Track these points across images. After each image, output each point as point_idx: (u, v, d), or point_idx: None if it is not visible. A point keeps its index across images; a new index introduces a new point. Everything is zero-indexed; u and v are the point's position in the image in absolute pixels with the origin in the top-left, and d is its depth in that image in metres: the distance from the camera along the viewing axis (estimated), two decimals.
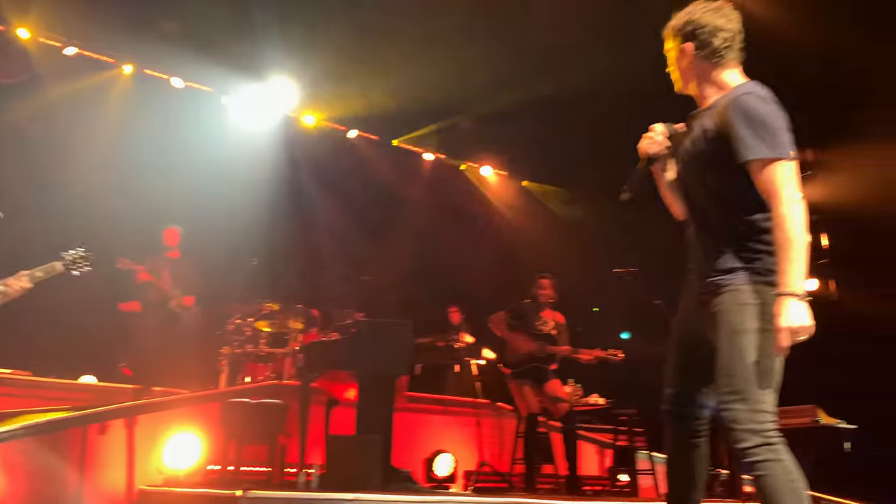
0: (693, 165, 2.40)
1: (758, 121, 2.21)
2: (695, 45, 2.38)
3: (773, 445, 2.11)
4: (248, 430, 4.78)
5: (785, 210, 2.14)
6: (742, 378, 2.15)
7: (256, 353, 7.44)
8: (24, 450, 4.82)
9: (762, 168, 2.19)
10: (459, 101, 9.53)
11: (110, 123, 8.78)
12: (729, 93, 2.35)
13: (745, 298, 2.21)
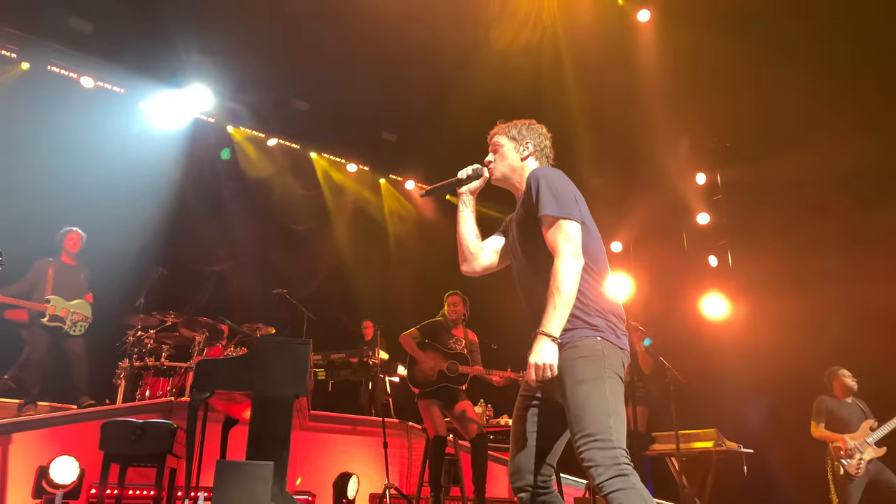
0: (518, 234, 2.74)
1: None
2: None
3: (626, 476, 2.32)
4: (132, 451, 4.45)
5: (559, 263, 2.48)
6: (590, 422, 2.37)
7: (157, 367, 7.06)
8: None
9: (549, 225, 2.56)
10: (381, 113, 9.43)
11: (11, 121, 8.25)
12: None
13: (584, 352, 2.46)
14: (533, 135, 2.89)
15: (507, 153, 2.87)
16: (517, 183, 2.86)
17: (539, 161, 2.87)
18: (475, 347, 5.85)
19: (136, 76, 8.87)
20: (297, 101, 9.66)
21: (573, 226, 2.54)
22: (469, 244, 2.90)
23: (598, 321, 2.51)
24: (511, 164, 2.86)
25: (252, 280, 9.25)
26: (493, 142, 2.92)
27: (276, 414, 4.30)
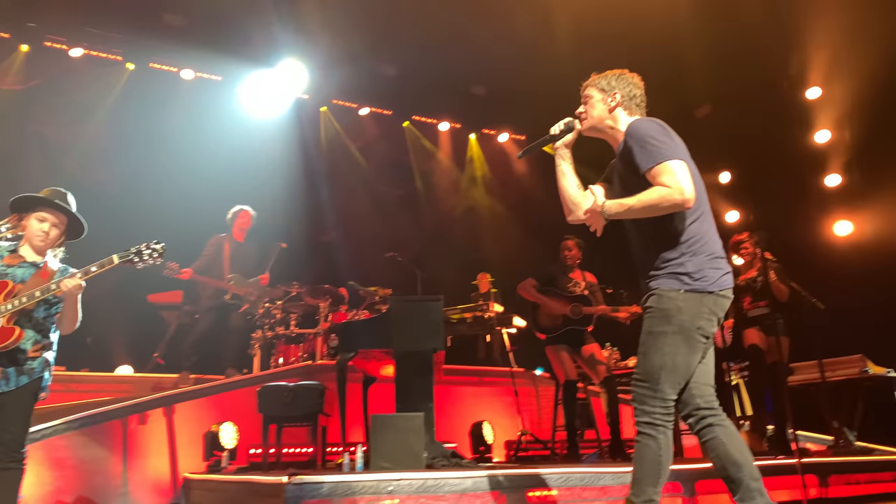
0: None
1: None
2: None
3: (655, 426, 2.60)
4: (288, 412, 4.76)
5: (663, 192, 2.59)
6: (643, 370, 2.65)
7: (287, 335, 7.45)
8: (69, 444, 4.86)
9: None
10: (472, 71, 9.37)
11: (125, 120, 8.77)
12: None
13: (661, 303, 2.65)
14: (622, 85, 2.91)
15: (596, 104, 2.92)
16: (609, 134, 2.92)
17: (629, 110, 2.89)
18: (595, 288, 5.84)
19: (232, 61, 9.16)
20: (385, 67, 9.74)
21: (675, 164, 2.59)
22: (571, 195, 2.96)
23: (691, 266, 2.62)
24: (599, 115, 2.91)
25: (361, 246, 9.56)
26: (584, 94, 2.97)
27: (418, 368, 4.50)
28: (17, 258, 3.38)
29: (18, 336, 3.21)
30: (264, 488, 3.72)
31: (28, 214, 3.42)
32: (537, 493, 3.97)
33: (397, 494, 3.64)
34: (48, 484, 4.69)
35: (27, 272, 3.35)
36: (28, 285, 3.30)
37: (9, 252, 3.39)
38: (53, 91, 8.44)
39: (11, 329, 3.20)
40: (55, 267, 3.46)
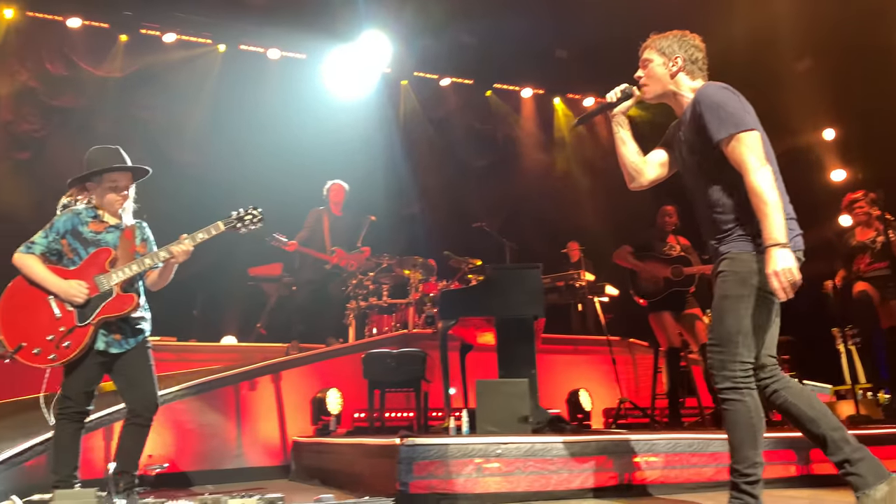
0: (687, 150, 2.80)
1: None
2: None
3: (740, 390, 2.55)
4: (391, 378, 4.90)
5: (751, 178, 2.52)
6: (720, 335, 2.60)
7: (380, 306, 7.63)
8: (188, 408, 5.17)
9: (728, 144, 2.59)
10: (554, 35, 9.19)
11: (217, 102, 9.08)
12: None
13: (736, 266, 2.60)
14: (684, 47, 2.82)
15: (657, 69, 2.84)
16: (671, 99, 2.86)
17: (691, 74, 2.82)
18: (690, 250, 5.72)
19: (316, 37, 9.30)
20: (465, 36, 9.67)
21: (750, 136, 2.56)
22: (632, 162, 2.94)
23: (753, 232, 2.57)
24: (661, 81, 2.84)
25: (448, 218, 9.64)
26: (643, 57, 2.88)
27: (519, 335, 4.53)
28: (101, 224, 3.41)
29: (137, 303, 3.32)
30: (377, 450, 3.85)
31: (97, 184, 3.42)
32: (644, 459, 3.96)
33: (505, 457, 3.70)
34: (171, 445, 5.01)
35: (115, 236, 3.40)
36: (120, 248, 3.38)
37: (91, 218, 3.41)
38: (150, 77, 8.82)
39: (130, 296, 3.31)
40: (131, 222, 3.52)
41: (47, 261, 3.31)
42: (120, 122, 8.43)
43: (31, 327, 3.17)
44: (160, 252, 3.35)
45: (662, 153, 2.97)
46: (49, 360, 3.15)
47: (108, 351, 3.26)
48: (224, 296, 7.82)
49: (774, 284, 2.43)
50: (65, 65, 8.28)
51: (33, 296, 3.23)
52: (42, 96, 8.18)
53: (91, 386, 3.27)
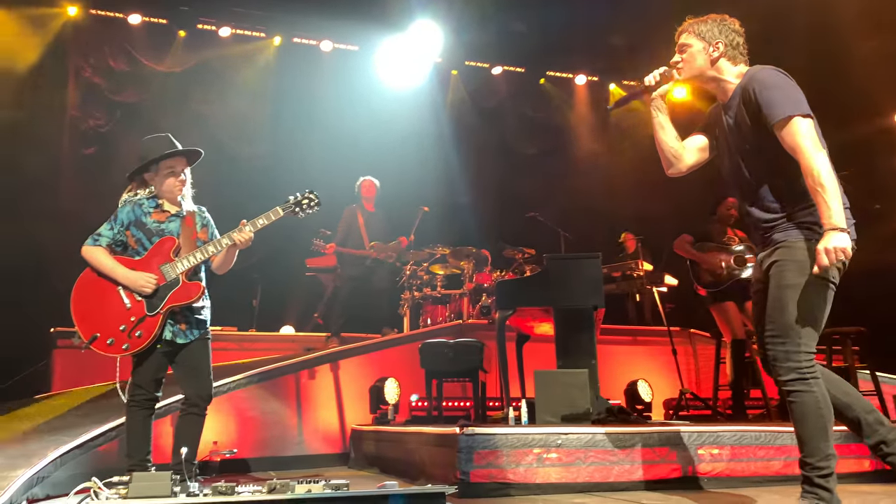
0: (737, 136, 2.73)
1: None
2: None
3: (806, 380, 2.49)
4: (448, 368, 4.91)
5: (808, 162, 2.47)
6: (781, 325, 2.53)
7: (434, 296, 7.65)
8: (250, 396, 5.28)
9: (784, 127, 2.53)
10: (609, 20, 9.01)
11: (271, 95, 9.23)
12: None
13: (793, 254, 2.54)
14: (725, 32, 2.76)
15: (697, 55, 2.78)
16: (711, 83, 2.81)
17: (733, 60, 2.76)
18: (748, 242, 5.55)
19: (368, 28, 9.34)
20: (516, 23, 9.57)
21: (806, 122, 2.51)
22: (670, 147, 2.88)
23: (818, 216, 2.50)
24: (700, 67, 2.78)
25: (501, 207, 9.58)
26: (681, 42, 2.82)
27: (579, 325, 4.47)
28: (163, 213, 3.46)
29: (202, 290, 3.38)
30: (437, 439, 3.86)
31: (154, 173, 3.47)
32: (709, 451, 3.88)
33: (566, 447, 3.67)
34: (234, 432, 5.13)
35: (177, 224, 3.46)
36: (182, 236, 3.43)
37: (153, 208, 3.46)
38: (207, 71, 9.01)
39: (196, 285, 3.37)
40: (191, 208, 3.58)
41: (113, 252, 3.39)
42: (179, 116, 8.63)
43: (103, 318, 3.26)
44: (222, 239, 3.40)
45: (702, 138, 2.91)
46: (123, 349, 3.24)
47: (175, 341, 3.33)
48: (282, 286, 7.96)
49: (822, 260, 2.41)
50: (126, 61, 8.52)
51: (103, 287, 3.31)
52: (106, 92, 8.44)
53: (159, 374, 3.36)
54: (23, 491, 3.35)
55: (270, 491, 2.47)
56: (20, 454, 3.61)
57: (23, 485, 3.34)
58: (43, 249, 7.10)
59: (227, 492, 2.43)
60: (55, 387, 6.17)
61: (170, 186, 3.47)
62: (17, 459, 3.53)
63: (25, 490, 3.38)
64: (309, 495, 2.45)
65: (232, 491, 2.44)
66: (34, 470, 3.46)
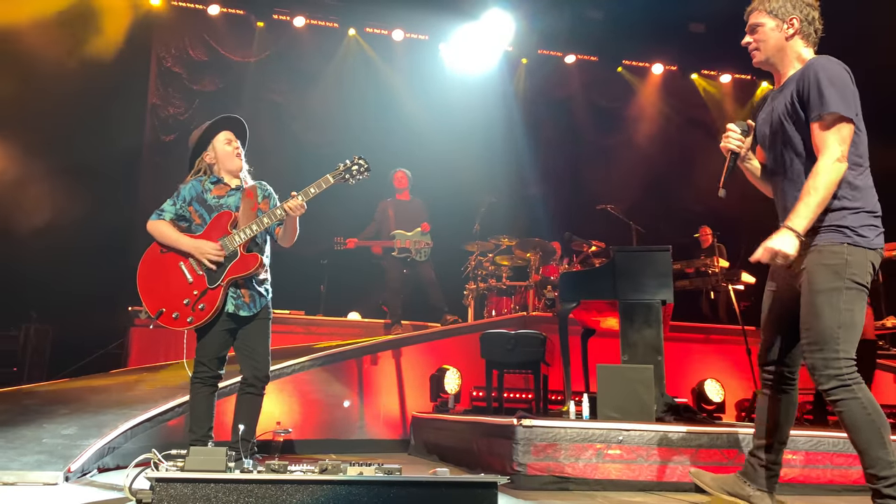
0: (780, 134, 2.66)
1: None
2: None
3: (849, 386, 2.40)
4: (509, 359, 4.83)
5: (824, 164, 2.44)
6: (818, 332, 2.45)
7: (499, 287, 7.58)
8: (313, 379, 5.36)
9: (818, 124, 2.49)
10: (688, 7, 8.67)
11: (344, 84, 9.33)
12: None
13: (826, 259, 2.47)
14: (800, 7, 2.64)
15: (770, 34, 2.66)
16: (781, 65, 2.69)
17: (806, 39, 2.65)
18: None
19: (439, 16, 9.31)
20: (590, 11, 9.35)
21: (849, 129, 2.46)
22: (763, 183, 2.84)
23: (854, 221, 2.48)
24: (775, 45, 2.66)
25: (571, 199, 9.41)
26: (752, 22, 2.70)
27: (646, 320, 4.32)
28: (223, 188, 3.50)
29: (261, 261, 3.38)
30: (495, 429, 3.81)
31: (209, 148, 3.51)
32: None
33: (627, 444, 3.56)
34: (297, 413, 5.21)
35: (237, 199, 3.48)
36: (242, 211, 3.45)
37: (213, 184, 3.50)
38: (282, 61, 9.20)
39: (254, 256, 3.38)
40: (252, 182, 3.60)
41: (176, 226, 3.46)
42: (254, 105, 8.86)
43: (167, 293, 3.33)
44: (276, 210, 3.42)
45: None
46: (188, 322, 3.30)
47: (238, 314, 3.37)
48: (350, 273, 8.06)
49: (760, 253, 2.48)
50: (205, 51, 8.79)
51: (165, 263, 3.38)
52: (185, 81, 8.73)
53: (222, 351, 3.42)
54: (94, 459, 3.50)
55: (322, 471, 2.47)
56: (93, 425, 3.77)
57: (94, 453, 3.49)
58: (123, 231, 7.42)
59: (280, 470, 2.45)
60: (131, 363, 6.44)
61: (228, 156, 3.51)
62: (91, 430, 3.69)
63: (97, 459, 3.53)
64: (360, 478, 2.43)
65: (284, 469, 2.45)
66: (105, 440, 3.61)
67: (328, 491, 2.39)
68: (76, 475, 3.26)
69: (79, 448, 3.42)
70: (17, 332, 6.95)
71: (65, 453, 3.32)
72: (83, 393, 4.68)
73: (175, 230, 3.41)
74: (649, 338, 4.26)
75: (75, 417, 3.91)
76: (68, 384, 5.35)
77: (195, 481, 2.32)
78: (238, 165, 3.55)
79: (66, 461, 3.24)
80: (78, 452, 3.37)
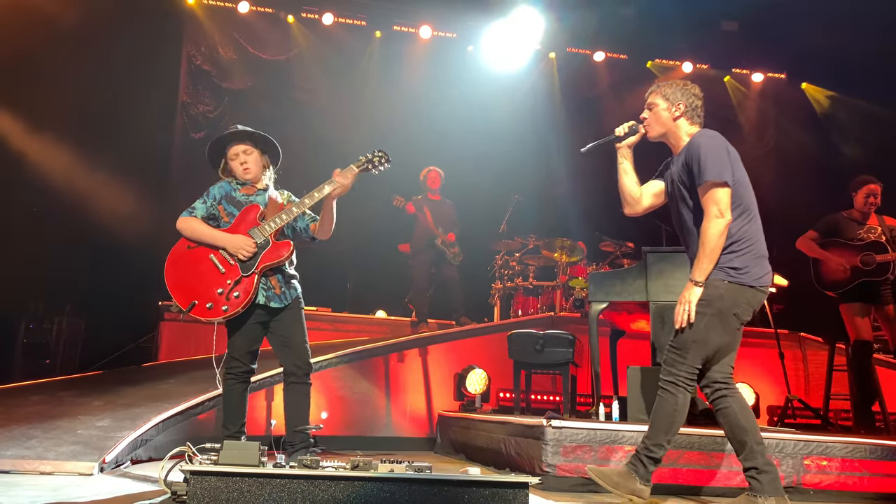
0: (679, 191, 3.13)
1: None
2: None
3: (676, 385, 2.97)
4: (537, 359, 4.80)
5: (706, 224, 2.91)
6: (680, 339, 3.00)
7: (525, 287, 7.55)
8: (341, 375, 5.38)
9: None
10: (721, 5, 8.55)
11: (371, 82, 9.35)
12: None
13: (707, 289, 2.95)
14: (686, 96, 3.11)
15: (661, 113, 3.14)
16: (671, 140, 3.16)
17: (690, 120, 3.11)
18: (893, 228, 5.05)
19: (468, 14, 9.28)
20: (620, 7, 9.25)
21: (721, 190, 2.89)
22: (630, 191, 3.27)
23: (738, 263, 2.92)
24: (664, 123, 3.14)
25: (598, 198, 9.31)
26: (649, 101, 3.19)
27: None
28: (252, 188, 3.54)
29: (292, 248, 3.40)
30: (524, 430, 3.78)
31: (223, 162, 3.53)
32: (816, 462, 3.61)
33: None
34: (324, 409, 5.21)
35: (264, 197, 3.52)
36: (269, 207, 3.47)
37: (242, 185, 3.54)
38: (309, 59, 9.23)
39: (286, 242, 3.40)
40: (274, 192, 3.60)
41: (206, 224, 3.48)
42: (281, 104, 8.90)
43: (199, 285, 3.34)
44: (304, 199, 3.43)
45: (659, 184, 3.26)
46: (223, 311, 3.29)
47: (269, 305, 3.38)
48: (376, 271, 8.08)
49: (678, 309, 2.98)
50: (235, 49, 8.85)
51: (195, 257, 3.40)
52: (215, 79, 8.80)
53: (254, 345, 3.44)
54: (127, 451, 3.54)
55: (353, 468, 2.48)
56: (126, 417, 3.82)
57: (127, 445, 3.53)
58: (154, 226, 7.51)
59: (312, 465, 2.45)
60: (161, 357, 6.52)
61: (237, 170, 3.53)
62: (124, 422, 3.74)
63: (130, 451, 3.58)
64: (391, 475, 2.43)
65: (317, 465, 2.46)
66: (138, 433, 3.65)
67: (360, 487, 2.39)
68: (110, 466, 3.30)
69: (113, 440, 3.47)
70: (51, 325, 7.07)
71: (99, 444, 3.37)
72: (115, 385, 4.75)
73: (207, 225, 3.45)
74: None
75: (108, 410, 3.97)
76: (101, 377, 5.44)
77: (229, 475, 2.34)
78: (251, 177, 3.55)
79: (101, 452, 3.29)
80: (112, 444, 3.42)
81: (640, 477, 2.96)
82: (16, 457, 3.13)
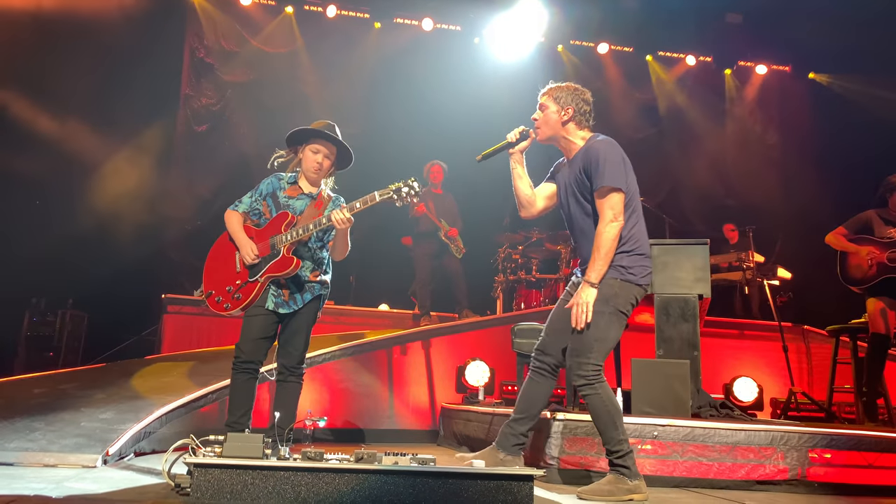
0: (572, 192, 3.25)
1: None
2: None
3: (592, 385, 3.03)
4: None
5: (602, 227, 3.02)
6: (579, 341, 3.05)
7: (528, 280, 7.54)
8: (343, 368, 5.38)
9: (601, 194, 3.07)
10: None
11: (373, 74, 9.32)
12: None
13: (602, 288, 3.03)
14: (576, 100, 3.18)
15: (551, 116, 3.20)
16: (561, 144, 3.24)
17: (579, 125, 3.20)
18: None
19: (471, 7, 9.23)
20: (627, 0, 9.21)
21: (616, 195, 3.00)
22: (525, 195, 3.34)
23: (627, 262, 3.05)
24: (553, 126, 3.21)
25: None
26: (541, 102, 3.25)
27: (682, 314, 4.25)
28: (296, 190, 3.55)
29: (296, 265, 3.39)
30: None
31: (302, 147, 3.56)
32: (821, 454, 3.60)
33: (662, 440, 3.51)
34: (326, 402, 5.24)
35: (304, 203, 3.52)
36: (304, 216, 3.48)
37: (289, 184, 3.56)
38: (312, 51, 9.20)
39: (290, 259, 3.41)
40: (328, 195, 3.62)
41: (249, 219, 3.54)
42: (284, 96, 8.88)
43: (219, 278, 3.48)
44: (321, 218, 3.43)
45: (551, 186, 3.37)
46: (224, 308, 3.41)
47: (278, 311, 3.41)
48: (379, 264, 8.08)
49: (576, 311, 3.02)
50: (237, 41, 8.83)
51: (228, 250, 3.51)
52: (217, 72, 8.78)
53: (260, 340, 3.44)
54: (131, 443, 3.54)
55: (358, 460, 2.47)
56: (130, 409, 3.82)
57: (131, 437, 3.53)
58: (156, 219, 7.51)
59: (316, 458, 2.45)
60: (165, 349, 6.53)
61: (310, 163, 3.54)
62: (127, 414, 3.74)
63: (133, 443, 3.58)
64: (395, 468, 2.42)
65: (321, 458, 2.45)
66: (141, 425, 3.65)
67: (364, 480, 2.38)
68: (114, 458, 3.30)
69: (116, 432, 3.47)
70: (54, 318, 7.08)
71: (103, 437, 3.37)
72: (118, 378, 4.75)
73: (239, 223, 3.51)
74: (685, 332, 4.20)
75: (112, 402, 3.97)
76: (104, 369, 5.44)
77: (233, 467, 2.33)
78: (315, 179, 3.57)
79: (104, 444, 3.28)
80: (115, 436, 3.42)
81: (628, 475, 2.95)
82: (19, 449, 3.13)
